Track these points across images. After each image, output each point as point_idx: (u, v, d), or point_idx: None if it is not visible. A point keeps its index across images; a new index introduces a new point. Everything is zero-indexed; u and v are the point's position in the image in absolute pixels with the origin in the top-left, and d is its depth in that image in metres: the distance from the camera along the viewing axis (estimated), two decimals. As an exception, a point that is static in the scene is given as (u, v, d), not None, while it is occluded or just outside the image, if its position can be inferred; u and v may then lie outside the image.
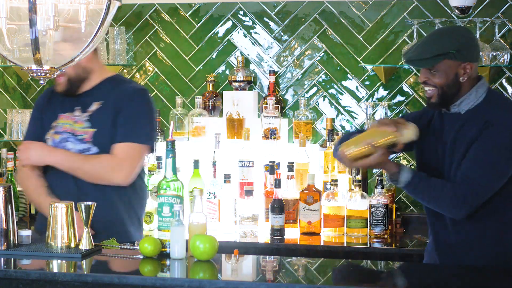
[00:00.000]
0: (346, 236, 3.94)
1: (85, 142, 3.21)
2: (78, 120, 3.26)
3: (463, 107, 2.84)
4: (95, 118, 3.24)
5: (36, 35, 2.84)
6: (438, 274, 2.57)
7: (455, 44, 2.79)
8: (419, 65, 2.85)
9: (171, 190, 2.71)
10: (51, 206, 2.80)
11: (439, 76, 2.80)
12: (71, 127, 3.26)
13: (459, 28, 2.98)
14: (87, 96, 3.31)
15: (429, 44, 2.81)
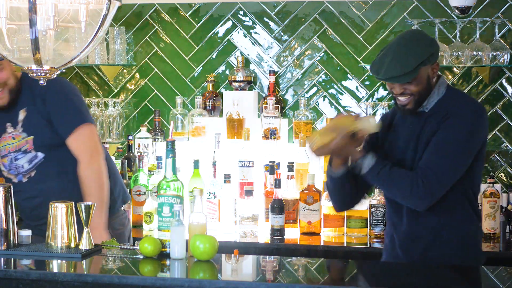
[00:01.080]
0: (346, 236, 3.94)
1: (29, 152, 3.22)
2: (14, 135, 3.23)
3: (427, 105, 2.89)
4: (28, 125, 3.22)
5: (36, 35, 2.84)
6: (438, 273, 2.58)
7: (428, 49, 2.82)
8: (400, 80, 2.80)
9: (171, 190, 2.71)
10: (51, 206, 2.80)
11: (416, 84, 2.82)
12: (12, 145, 3.24)
13: (419, 32, 2.96)
14: (11, 108, 3.24)
15: (404, 57, 2.78)
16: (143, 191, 4.12)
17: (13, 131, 3.24)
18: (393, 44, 2.85)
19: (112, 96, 4.70)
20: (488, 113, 4.29)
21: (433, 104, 2.88)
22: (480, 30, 4.19)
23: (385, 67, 2.79)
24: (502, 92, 4.28)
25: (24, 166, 3.23)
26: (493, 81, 4.28)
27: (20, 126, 3.24)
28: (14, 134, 3.24)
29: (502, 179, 4.27)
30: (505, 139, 4.28)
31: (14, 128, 3.25)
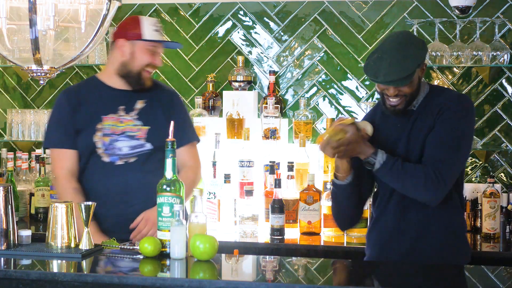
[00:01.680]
0: (346, 236, 3.94)
1: (137, 139, 3.28)
2: (124, 119, 3.31)
3: (415, 103, 2.93)
4: (145, 116, 3.32)
5: (36, 35, 2.84)
6: (439, 274, 2.58)
7: (422, 52, 2.87)
8: (399, 84, 2.83)
9: (171, 190, 2.71)
10: (51, 206, 2.80)
11: (410, 86, 2.86)
12: (118, 127, 3.30)
13: (410, 34, 2.99)
14: (129, 95, 3.35)
15: (403, 60, 2.81)
16: (143, 191, 4.11)
17: (124, 115, 3.32)
18: (388, 48, 2.87)
19: (112, 96, 4.70)
20: (488, 113, 4.29)
21: (420, 102, 2.93)
22: (480, 30, 4.19)
23: (384, 71, 2.81)
24: (502, 92, 4.28)
25: (123, 149, 3.28)
26: (493, 81, 4.28)
27: (135, 114, 3.32)
28: (124, 118, 3.31)
29: (502, 179, 4.27)
30: (505, 139, 4.28)
31: (127, 113, 3.32)
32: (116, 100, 3.35)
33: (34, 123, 4.62)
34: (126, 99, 3.35)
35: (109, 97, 3.35)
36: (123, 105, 3.33)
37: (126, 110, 3.33)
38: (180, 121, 3.28)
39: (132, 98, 3.35)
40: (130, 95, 3.35)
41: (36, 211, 4.29)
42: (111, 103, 3.34)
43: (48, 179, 4.25)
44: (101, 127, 3.29)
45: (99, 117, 3.31)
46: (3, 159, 4.40)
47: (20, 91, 4.85)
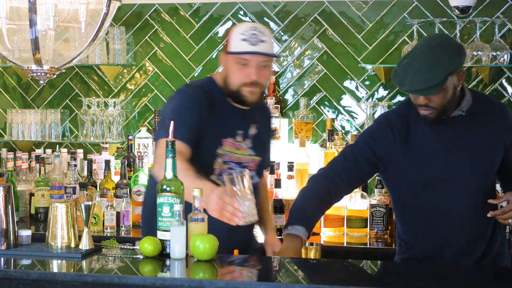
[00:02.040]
0: (346, 236, 3.94)
1: (250, 170, 2.99)
2: (240, 146, 3.02)
3: (463, 107, 2.82)
4: (257, 146, 3.04)
5: (36, 35, 2.84)
6: (439, 274, 2.57)
7: (456, 59, 2.67)
8: (427, 93, 2.64)
9: (171, 190, 2.71)
10: (51, 206, 2.80)
11: (443, 95, 2.69)
12: (235, 155, 3.01)
13: (445, 38, 2.81)
14: (245, 115, 3.02)
15: (430, 67, 2.62)
16: (143, 191, 4.12)
17: (241, 142, 3.01)
18: (418, 53, 2.68)
19: (112, 96, 4.70)
20: (488, 113, 4.29)
21: (469, 106, 2.81)
22: (480, 30, 4.19)
23: (410, 78, 2.63)
24: (502, 92, 4.28)
25: None
26: (493, 81, 4.28)
27: (250, 142, 3.03)
28: (240, 145, 3.01)
29: (502, 179, 4.27)
30: (505, 139, 4.28)
31: (243, 139, 3.02)
32: (235, 121, 3.00)
33: (34, 123, 4.62)
34: (242, 121, 3.01)
35: (229, 116, 2.99)
36: (241, 130, 3.00)
37: (243, 136, 3.01)
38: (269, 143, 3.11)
39: (246, 120, 3.02)
40: (245, 116, 3.01)
41: (36, 211, 4.29)
42: (231, 124, 2.99)
43: (48, 179, 4.25)
44: (222, 153, 2.97)
45: (219, 140, 2.96)
46: (3, 159, 4.40)
47: (20, 91, 4.85)
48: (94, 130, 4.57)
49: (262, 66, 2.91)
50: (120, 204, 4.05)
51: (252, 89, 2.92)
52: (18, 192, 4.27)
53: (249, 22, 2.93)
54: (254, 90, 2.92)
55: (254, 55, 2.88)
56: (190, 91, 2.98)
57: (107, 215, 3.96)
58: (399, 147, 2.83)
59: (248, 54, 2.88)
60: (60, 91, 4.80)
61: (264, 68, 2.93)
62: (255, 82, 2.91)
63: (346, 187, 2.87)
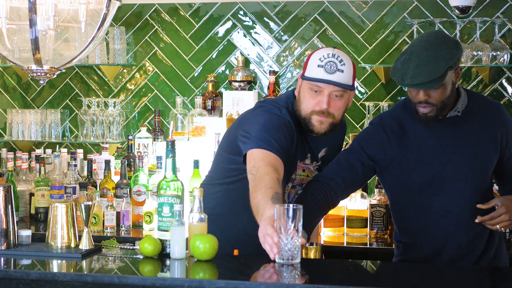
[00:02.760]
0: (346, 236, 3.94)
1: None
2: (306, 168, 2.95)
3: (459, 108, 2.80)
4: (324, 165, 2.95)
5: (36, 35, 2.84)
6: (439, 274, 2.57)
7: (454, 53, 2.67)
8: (428, 87, 2.62)
9: (171, 190, 2.71)
10: (51, 206, 2.80)
11: (443, 90, 2.68)
12: (300, 177, 2.95)
13: (442, 34, 2.78)
14: (318, 140, 2.93)
15: (431, 62, 2.62)
16: (143, 191, 4.12)
17: (309, 165, 2.95)
18: (417, 48, 2.66)
19: (112, 96, 4.70)
20: (488, 113, 4.29)
21: (465, 106, 2.80)
22: (480, 30, 4.19)
23: (411, 73, 2.62)
24: (502, 92, 4.28)
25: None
26: (493, 81, 4.28)
27: (317, 165, 2.96)
28: (307, 167, 2.95)
29: (502, 179, 4.27)
30: (505, 139, 4.28)
31: (311, 162, 2.95)
32: (307, 146, 2.93)
33: (34, 123, 4.62)
34: (313, 145, 2.94)
35: (303, 142, 2.91)
36: (309, 152, 2.93)
37: (311, 158, 2.95)
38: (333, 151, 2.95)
39: (319, 144, 2.94)
40: (319, 140, 2.93)
41: (36, 211, 4.28)
42: (303, 149, 2.91)
43: (48, 179, 4.25)
44: (294, 177, 2.92)
45: (295, 163, 2.90)
46: (3, 159, 4.40)
47: (20, 91, 4.85)
48: (94, 130, 4.57)
49: (336, 96, 2.81)
50: (120, 204, 4.05)
51: (321, 118, 2.81)
52: (18, 192, 4.27)
53: (331, 49, 2.82)
54: (323, 120, 2.81)
55: (329, 84, 2.77)
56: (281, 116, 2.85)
57: (107, 215, 3.96)
58: (394, 149, 2.83)
59: (322, 82, 2.78)
60: (60, 91, 4.80)
61: (337, 98, 2.81)
62: (325, 111, 2.80)
63: (342, 193, 2.85)
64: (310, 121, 2.82)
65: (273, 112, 2.85)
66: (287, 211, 2.44)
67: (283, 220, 2.45)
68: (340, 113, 2.84)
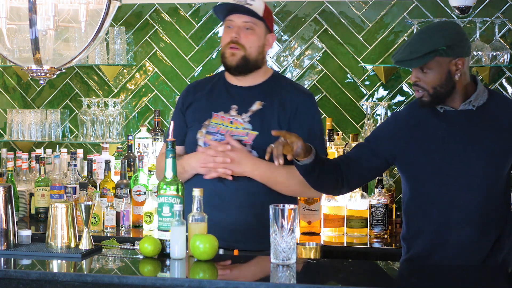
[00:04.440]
0: (346, 236, 3.94)
1: (243, 145, 3.01)
2: (234, 120, 3.04)
3: (475, 103, 2.79)
4: (257, 121, 3.03)
5: (36, 35, 2.84)
6: (439, 274, 2.57)
7: (445, 40, 2.71)
8: (409, 65, 2.74)
9: (171, 190, 2.71)
10: (51, 206, 2.80)
11: (431, 75, 2.73)
12: (225, 128, 3.04)
13: (447, 23, 2.88)
14: (246, 93, 3.08)
15: (418, 42, 2.72)
16: (143, 191, 4.12)
17: (235, 116, 3.04)
18: (418, 31, 2.81)
19: (112, 96, 4.70)
20: (488, 113, 4.29)
21: (479, 103, 2.79)
22: (480, 30, 4.19)
23: (399, 51, 2.74)
24: (502, 92, 4.28)
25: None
26: (493, 81, 4.28)
27: (248, 116, 3.03)
28: (235, 119, 3.03)
29: (502, 179, 4.27)
30: (505, 139, 4.28)
31: (239, 114, 3.04)
32: (231, 98, 3.08)
33: (34, 123, 4.62)
34: (241, 98, 3.07)
35: (223, 94, 3.10)
36: (236, 105, 3.06)
37: (238, 110, 3.05)
38: (303, 132, 2.88)
39: (250, 97, 3.06)
40: (249, 94, 3.07)
41: (36, 211, 4.29)
42: (225, 100, 3.08)
43: (48, 179, 4.25)
44: (208, 123, 3.06)
45: (209, 113, 3.07)
46: (3, 159, 4.40)
47: (20, 91, 4.85)
48: (94, 130, 4.57)
49: (246, 29, 3.01)
50: (120, 204, 4.05)
51: (232, 50, 2.99)
52: (18, 192, 4.27)
53: None
54: (234, 51, 2.99)
55: (238, 15, 2.98)
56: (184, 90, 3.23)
57: (107, 215, 3.97)
58: (405, 139, 2.86)
59: (233, 15, 2.99)
60: (60, 91, 4.80)
61: (249, 31, 3.01)
62: (235, 40, 2.98)
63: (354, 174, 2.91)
64: (225, 55, 3.02)
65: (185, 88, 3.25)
66: (282, 212, 2.48)
67: (278, 220, 2.48)
68: (253, 46, 3.00)
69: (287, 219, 2.48)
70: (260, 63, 3.07)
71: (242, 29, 3.00)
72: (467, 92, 2.80)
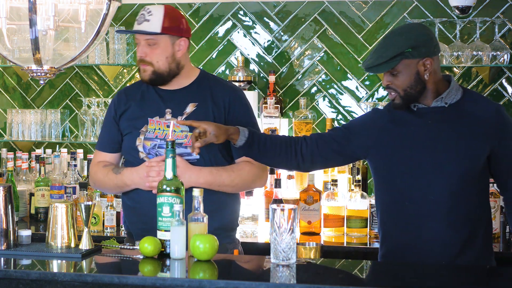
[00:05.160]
0: (346, 236, 3.94)
1: (184, 147, 3.06)
2: (171, 124, 3.09)
3: (447, 100, 2.84)
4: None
5: (36, 35, 2.84)
6: (439, 274, 2.58)
7: (410, 42, 2.76)
8: (377, 70, 2.80)
9: (171, 190, 2.71)
10: (51, 206, 2.80)
11: (401, 78, 2.78)
12: (163, 132, 3.10)
13: (412, 25, 2.94)
14: (178, 96, 3.15)
15: (384, 47, 2.78)
16: (143, 191, 4.11)
17: (171, 119, 3.10)
18: (383, 36, 2.89)
19: (112, 96, 4.70)
20: (488, 113, 4.29)
21: (452, 101, 2.84)
22: (480, 30, 4.19)
23: (368, 57, 2.82)
24: (502, 92, 4.28)
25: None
26: (493, 81, 4.28)
27: (182, 119, 3.09)
28: (170, 122, 3.09)
29: (502, 179, 4.27)
30: (505, 139, 4.28)
31: (174, 117, 3.11)
32: (163, 102, 3.14)
33: (34, 123, 4.62)
34: (174, 101, 3.13)
35: (155, 99, 3.16)
36: (169, 108, 3.12)
37: (173, 113, 3.11)
38: (240, 124, 2.98)
39: (182, 100, 3.13)
40: (180, 96, 3.14)
41: (36, 211, 4.29)
42: (158, 105, 3.14)
43: (48, 179, 4.25)
44: (145, 130, 3.11)
45: (145, 119, 3.12)
46: (3, 159, 4.40)
47: (20, 91, 4.85)
48: (94, 130, 4.56)
49: (150, 45, 3.09)
50: (120, 204, 4.05)
51: (143, 67, 3.10)
52: (18, 192, 4.27)
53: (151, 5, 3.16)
54: (145, 68, 3.09)
55: (140, 34, 3.10)
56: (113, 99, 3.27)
57: (107, 215, 3.97)
58: (380, 132, 2.91)
59: (137, 34, 3.11)
60: (60, 91, 4.80)
61: (154, 47, 3.08)
62: (142, 59, 3.09)
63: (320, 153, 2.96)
64: (140, 71, 3.13)
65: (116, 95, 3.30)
66: (282, 212, 2.49)
67: (277, 220, 2.49)
68: (160, 60, 3.08)
69: (287, 219, 2.48)
70: (177, 70, 3.12)
71: (146, 46, 3.10)
72: (439, 90, 2.84)
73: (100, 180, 3.19)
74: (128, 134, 3.16)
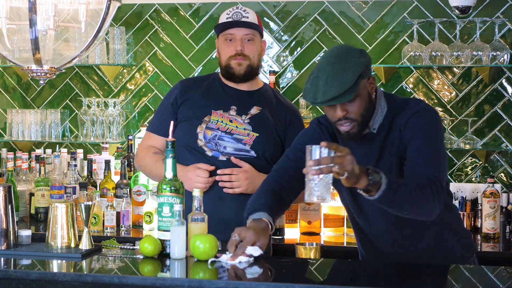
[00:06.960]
0: (346, 236, 3.94)
1: (243, 143, 3.23)
2: (234, 119, 3.26)
3: (374, 125, 2.69)
4: (257, 124, 3.26)
5: (36, 35, 2.84)
6: (439, 274, 2.58)
7: (362, 60, 2.58)
8: (342, 99, 2.52)
9: (171, 190, 2.71)
10: (51, 206, 2.80)
11: (359, 102, 2.59)
12: (226, 125, 3.24)
13: (345, 46, 2.68)
14: (244, 97, 3.30)
15: (340, 73, 2.53)
16: (143, 191, 4.12)
17: (234, 116, 3.26)
18: (323, 65, 2.58)
19: (112, 96, 4.70)
20: (488, 113, 4.29)
21: (380, 122, 2.68)
22: (480, 30, 4.19)
23: (322, 90, 2.53)
24: (502, 92, 4.28)
25: (227, 148, 3.23)
26: (493, 81, 4.28)
27: (247, 118, 3.26)
28: (235, 119, 3.25)
29: (502, 179, 4.27)
30: (505, 139, 4.28)
31: (239, 115, 3.27)
32: (229, 98, 3.29)
33: (34, 123, 4.62)
34: (239, 101, 3.29)
35: (221, 93, 3.31)
36: (235, 105, 3.28)
37: (237, 111, 3.27)
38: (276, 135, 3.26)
39: (247, 101, 3.29)
40: (246, 97, 3.30)
41: (36, 211, 4.29)
42: (223, 100, 3.29)
43: (48, 179, 4.25)
44: (208, 120, 3.25)
45: (208, 110, 3.26)
46: (3, 159, 4.40)
47: (20, 91, 4.85)
48: (94, 130, 4.57)
49: (247, 40, 3.25)
50: (120, 204, 4.05)
51: (239, 60, 3.23)
52: (18, 192, 4.27)
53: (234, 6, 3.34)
54: (241, 61, 3.23)
55: (238, 28, 3.22)
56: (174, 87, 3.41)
57: (107, 215, 3.97)
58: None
59: (233, 29, 3.22)
60: (60, 91, 4.80)
61: (250, 42, 3.26)
62: (241, 52, 3.23)
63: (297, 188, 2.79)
64: (230, 66, 3.25)
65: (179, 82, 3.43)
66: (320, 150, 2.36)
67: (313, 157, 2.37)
68: (255, 55, 3.26)
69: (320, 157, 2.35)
70: (259, 70, 3.34)
71: (244, 41, 3.25)
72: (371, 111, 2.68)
73: (147, 165, 3.33)
74: (187, 121, 3.27)
